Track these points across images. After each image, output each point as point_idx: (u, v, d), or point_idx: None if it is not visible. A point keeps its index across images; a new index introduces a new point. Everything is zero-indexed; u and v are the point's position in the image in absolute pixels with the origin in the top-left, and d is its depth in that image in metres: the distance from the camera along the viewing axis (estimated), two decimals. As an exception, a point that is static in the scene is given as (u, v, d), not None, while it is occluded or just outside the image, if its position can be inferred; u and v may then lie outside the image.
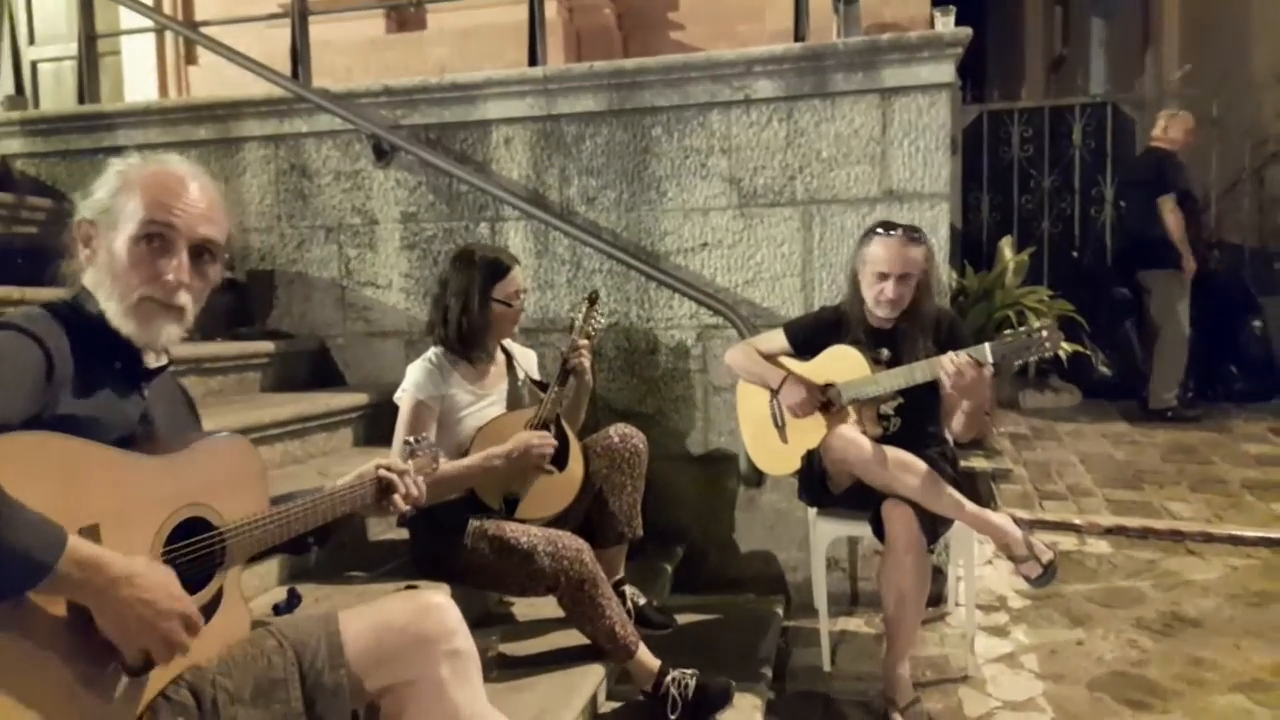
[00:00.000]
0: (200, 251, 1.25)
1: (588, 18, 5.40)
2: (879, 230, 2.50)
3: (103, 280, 1.21)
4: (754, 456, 2.78)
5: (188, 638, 1.10)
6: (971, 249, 5.70)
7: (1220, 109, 6.27)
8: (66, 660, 1.03)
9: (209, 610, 1.22)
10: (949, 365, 2.23)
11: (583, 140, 3.26)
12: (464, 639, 1.34)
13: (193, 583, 1.19)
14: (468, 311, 2.35)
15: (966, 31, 2.96)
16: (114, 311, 1.20)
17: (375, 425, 3.07)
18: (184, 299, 1.23)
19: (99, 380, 1.18)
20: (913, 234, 2.49)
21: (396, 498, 1.46)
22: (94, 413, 1.15)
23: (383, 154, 3.36)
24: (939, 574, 2.97)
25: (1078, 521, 3.66)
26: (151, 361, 1.28)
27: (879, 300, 2.47)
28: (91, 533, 1.05)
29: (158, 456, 1.20)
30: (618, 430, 2.56)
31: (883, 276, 2.45)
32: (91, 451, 1.10)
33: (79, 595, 1.02)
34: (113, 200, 1.22)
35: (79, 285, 1.23)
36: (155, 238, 1.21)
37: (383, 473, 1.45)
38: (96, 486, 1.09)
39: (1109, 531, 3.60)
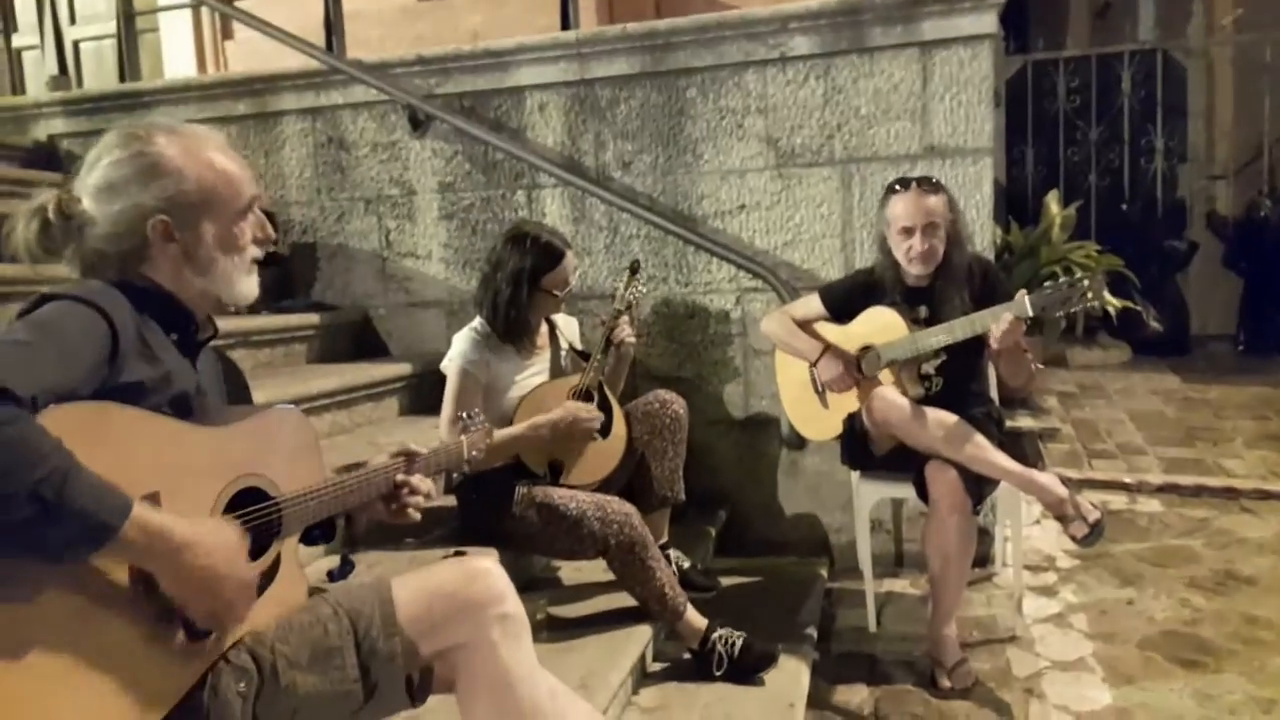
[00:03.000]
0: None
1: (619, -21, 5.33)
2: (895, 187, 2.46)
3: (207, 261, 1.25)
4: (795, 422, 2.77)
5: (245, 610, 1.13)
6: (1017, 204, 5.57)
7: (1274, 54, 6.01)
8: (128, 619, 1.06)
9: (267, 578, 1.24)
10: (995, 324, 2.20)
11: (617, 104, 3.23)
12: (513, 602, 1.36)
13: (251, 551, 1.21)
14: (516, 301, 2.35)
15: (1010, -21, 2.87)
16: (227, 282, 1.27)
17: (419, 394, 3.11)
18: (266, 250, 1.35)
19: (159, 351, 1.20)
20: (929, 184, 2.44)
21: (413, 501, 1.45)
22: (155, 383, 1.17)
23: (418, 124, 3.36)
24: (985, 535, 2.94)
25: (1128, 480, 3.60)
26: (202, 333, 1.31)
27: (910, 257, 2.43)
28: (152, 500, 1.07)
29: (215, 427, 1.22)
30: (658, 396, 2.57)
31: (908, 231, 2.41)
32: (151, 421, 1.12)
33: (143, 560, 1.04)
34: (187, 193, 1.22)
35: (126, 269, 1.22)
36: (250, 207, 1.30)
37: (400, 477, 1.44)
38: (157, 455, 1.11)
39: (1160, 490, 3.55)
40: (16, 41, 5.90)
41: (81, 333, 1.09)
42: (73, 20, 5.84)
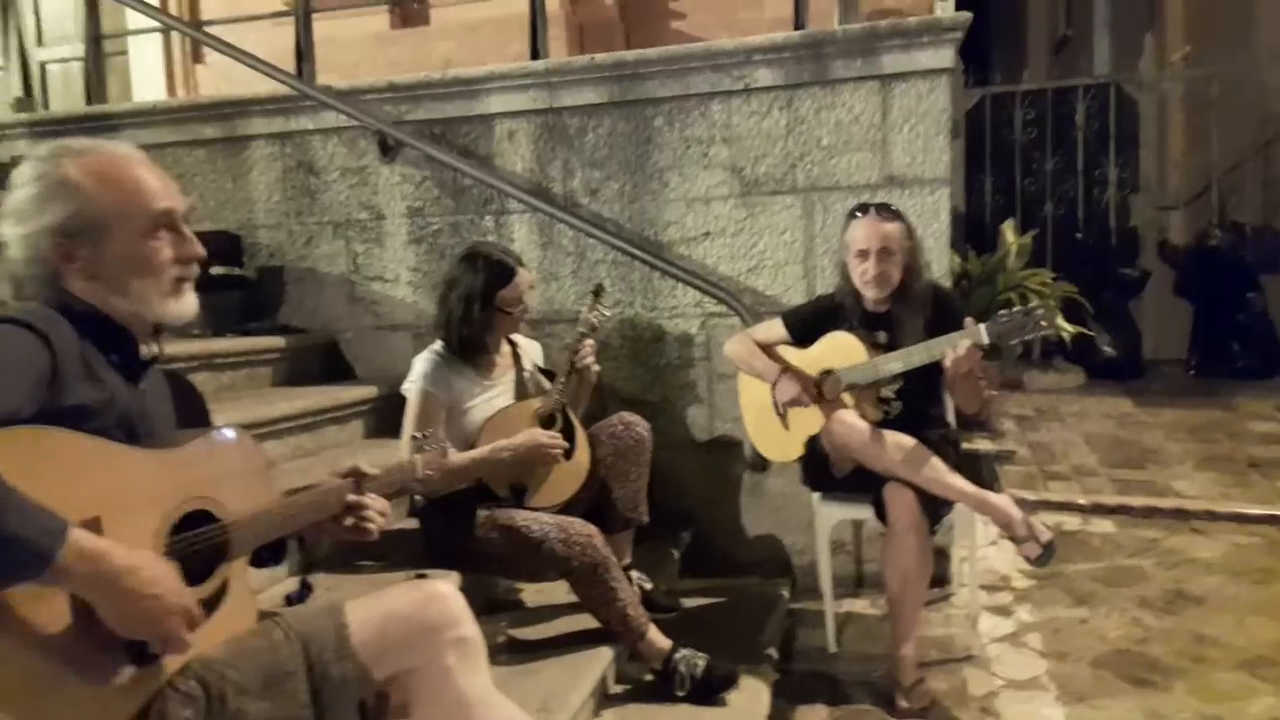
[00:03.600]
0: (187, 220, 1.31)
1: (590, 10, 5.43)
2: (856, 213, 2.55)
3: (115, 282, 1.22)
4: (757, 443, 2.82)
5: (188, 634, 1.11)
6: (975, 232, 5.70)
7: (1222, 89, 6.24)
8: (71, 645, 1.04)
9: (214, 602, 1.23)
10: (951, 351, 2.26)
11: (585, 132, 3.28)
12: (469, 626, 1.36)
13: (197, 575, 1.21)
14: (468, 320, 2.37)
15: (966, 16, 2.97)
16: (145, 305, 1.24)
17: (386, 417, 3.11)
18: (196, 267, 1.30)
19: (101, 373, 1.19)
20: (887, 211, 2.52)
21: (367, 515, 1.42)
22: (99, 405, 1.15)
23: (388, 149, 3.40)
24: (942, 555, 3.00)
25: (1081, 501, 3.68)
26: (145, 353, 1.30)
27: (864, 281, 2.51)
28: (93, 525, 1.06)
29: (160, 450, 1.21)
30: (622, 418, 2.60)
31: (863, 255, 2.49)
32: (93, 445, 1.11)
33: (81, 588, 1.02)
34: (81, 215, 1.20)
35: (58, 292, 1.21)
36: (164, 225, 1.26)
37: (351, 498, 1.42)
38: (98, 479, 1.10)
39: (1113, 511, 3.63)
40: (-19, 62, 5.86)
41: (17, 354, 1.07)
42: (40, 41, 5.81)
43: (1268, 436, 4.46)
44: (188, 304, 1.29)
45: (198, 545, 1.20)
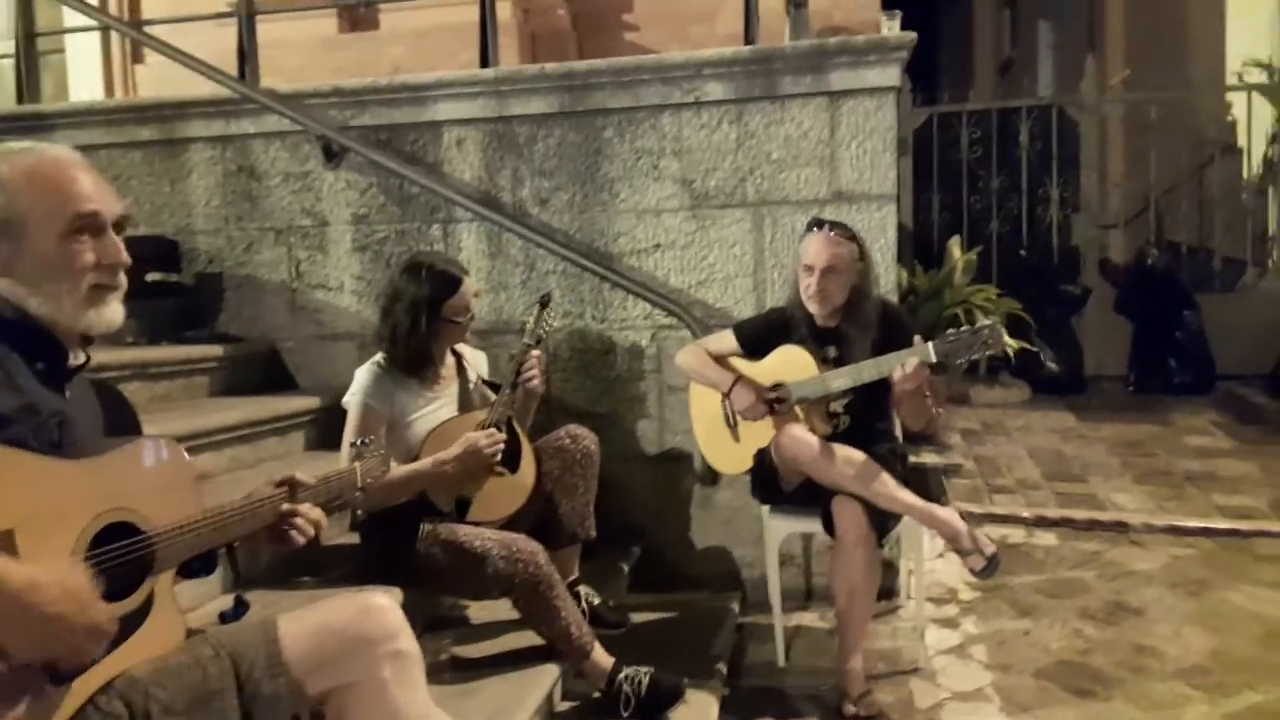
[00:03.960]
0: (119, 227, 1.26)
1: (543, 20, 5.41)
2: (812, 227, 2.56)
3: (32, 283, 1.18)
4: (707, 455, 2.81)
5: (97, 649, 1.06)
6: (923, 248, 5.78)
7: (1159, 112, 6.44)
8: None
9: (139, 616, 1.19)
10: (899, 368, 2.27)
11: (535, 141, 3.26)
12: (407, 640, 1.33)
13: (121, 589, 1.16)
14: (415, 331, 2.33)
15: (911, 36, 3.02)
16: (58, 308, 1.19)
17: (328, 429, 3.02)
18: (123, 277, 1.26)
19: (21, 380, 1.15)
20: (842, 231, 2.53)
21: (298, 524, 1.38)
22: (15, 413, 1.12)
23: (332, 155, 3.32)
24: (890, 568, 3.01)
25: (1025, 514, 3.74)
26: (73, 360, 1.26)
27: (808, 295, 2.52)
28: (7, 538, 1.02)
29: (80, 460, 1.17)
30: (569, 431, 2.57)
31: (809, 269, 2.51)
32: (6, 455, 1.07)
33: None
34: (7, 209, 1.18)
35: None
36: (87, 229, 1.21)
37: (285, 507, 1.38)
38: (11, 491, 1.05)
39: (1056, 524, 3.69)
40: (-93, 58, 5.63)
41: None
42: (-31, 38, 5.61)
43: (1202, 451, 4.58)
44: (110, 313, 1.25)
45: (119, 559, 1.15)
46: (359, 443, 1.66)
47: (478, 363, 2.62)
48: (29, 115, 3.56)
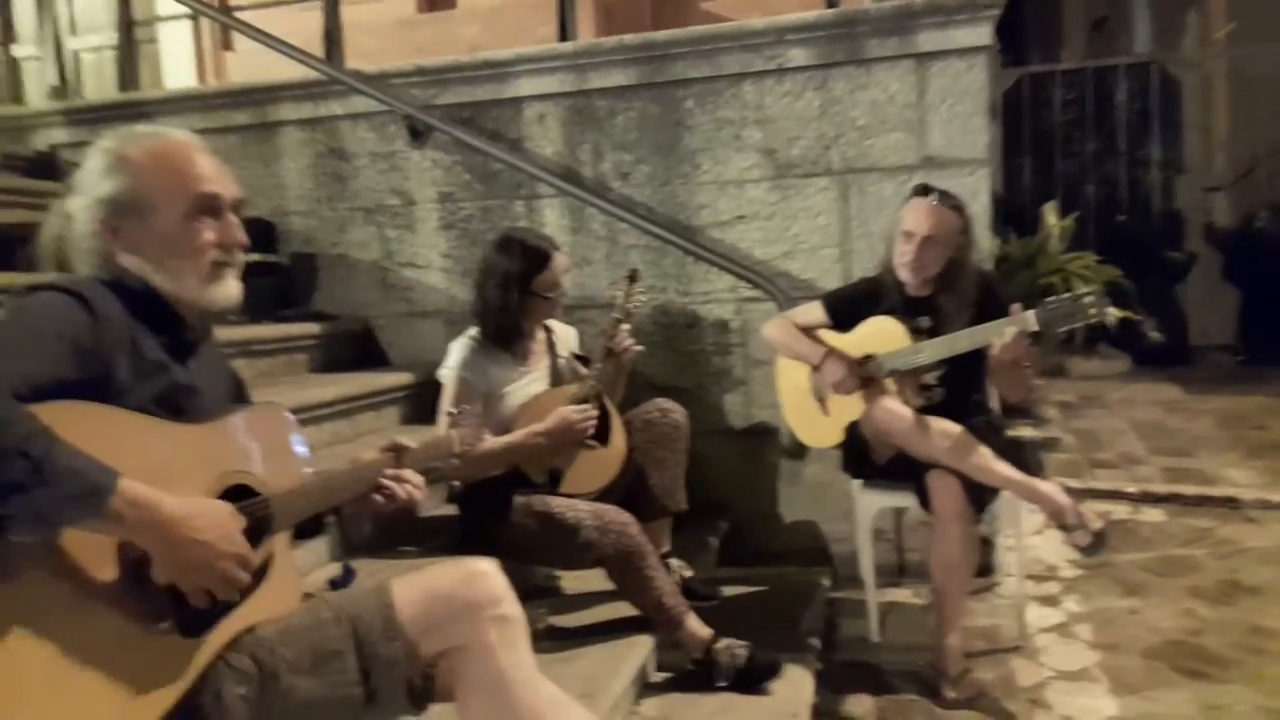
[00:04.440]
0: (236, 209, 1.32)
1: (617, -9, 5.36)
2: (918, 192, 2.46)
3: (158, 260, 1.24)
4: (795, 429, 2.76)
5: (245, 576, 1.12)
6: (1014, 215, 5.58)
7: (1267, 67, 6.06)
8: (120, 616, 1.05)
9: (258, 576, 1.22)
10: (997, 338, 2.19)
11: (615, 115, 3.23)
12: (511, 604, 1.35)
13: None
14: (507, 307, 2.34)
15: (1005, -9, 2.89)
16: (182, 285, 1.25)
17: (420, 404, 3.09)
18: (240, 255, 1.31)
19: (147, 350, 1.20)
20: (949, 200, 2.43)
21: (401, 489, 1.41)
22: (140, 379, 1.16)
23: (417, 134, 3.37)
24: (987, 544, 2.93)
25: (1130, 489, 3.59)
26: (191, 334, 1.31)
27: (901, 263, 2.44)
28: None
29: (200, 424, 1.22)
30: (658, 405, 2.56)
31: (908, 236, 2.42)
32: (131, 419, 1.12)
33: (135, 535, 1.03)
34: (131, 189, 1.23)
35: (112, 267, 1.24)
36: (208, 210, 1.27)
37: (390, 471, 1.42)
38: (139, 453, 1.10)
39: (1163, 499, 3.53)
40: (17, 52, 5.91)
41: (60, 321, 1.09)
42: (73, 31, 5.85)
43: (1321, 423, 4.33)
44: (228, 289, 1.30)
45: (242, 518, 1.19)
46: (454, 410, 1.68)
47: (567, 337, 2.63)
48: (131, 103, 3.70)
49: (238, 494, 1.22)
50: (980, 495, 2.33)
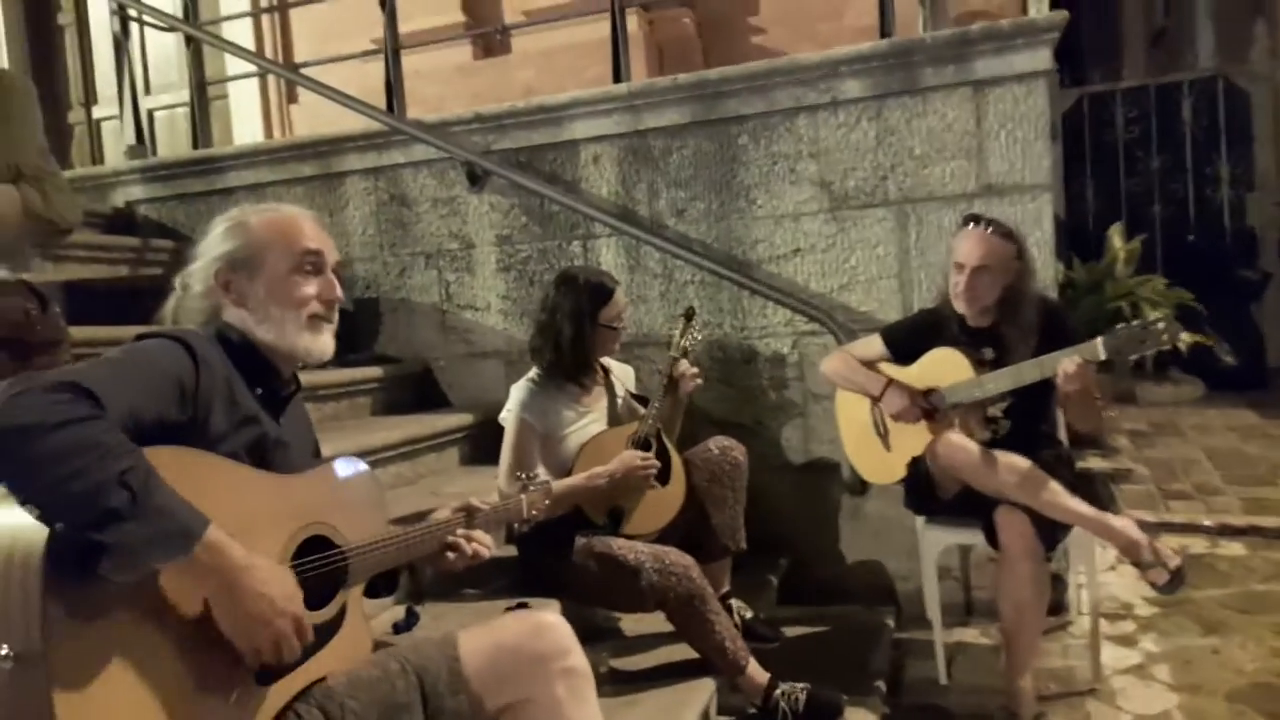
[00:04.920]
0: (337, 270, 1.44)
1: (668, 28, 5.42)
2: (968, 223, 2.44)
3: (262, 311, 1.34)
4: (856, 465, 2.73)
5: (297, 643, 1.14)
6: (1078, 239, 5.45)
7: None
8: (193, 659, 1.08)
9: (332, 628, 1.26)
10: (1064, 367, 2.14)
11: (669, 153, 3.27)
12: (578, 657, 1.36)
13: (317, 600, 1.24)
14: (580, 338, 2.38)
15: (1063, 15, 2.85)
16: (282, 334, 1.34)
17: (480, 445, 3.14)
18: (336, 313, 1.42)
19: (243, 400, 1.27)
20: (998, 229, 2.39)
21: (451, 556, 1.46)
22: (235, 427, 1.23)
23: (476, 179, 3.45)
24: (1059, 581, 2.85)
25: (1208, 522, 3.45)
26: (285, 389, 1.39)
27: (955, 294, 2.40)
28: None
29: (285, 475, 1.27)
30: (717, 443, 2.56)
31: (959, 268, 2.39)
32: (225, 466, 1.17)
33: (205, 580, 1.06)
34: (245, 246, 1.36)
35: (217, 322, 1.35)
36: (310, 266, 1.38)
37: (461, 531, 1.47)
38: (228, 499, 1.15)
39: (1242, 532, 3.39)
40: (97, 112, 6.22)
41: (166, 363, 1.16)
42: (148, 90, 6.13)
43: None
44: (324, 342, 1.40)
45: (318, 569, 1.24)
46: (523, 475, 1.71)
47: (625, 376, 2.65)
48: (204, 159, 3.87)
49: (317, 545, 1.26)
50: (1050, 531, 2.27)
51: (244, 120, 6.02)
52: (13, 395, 0.97)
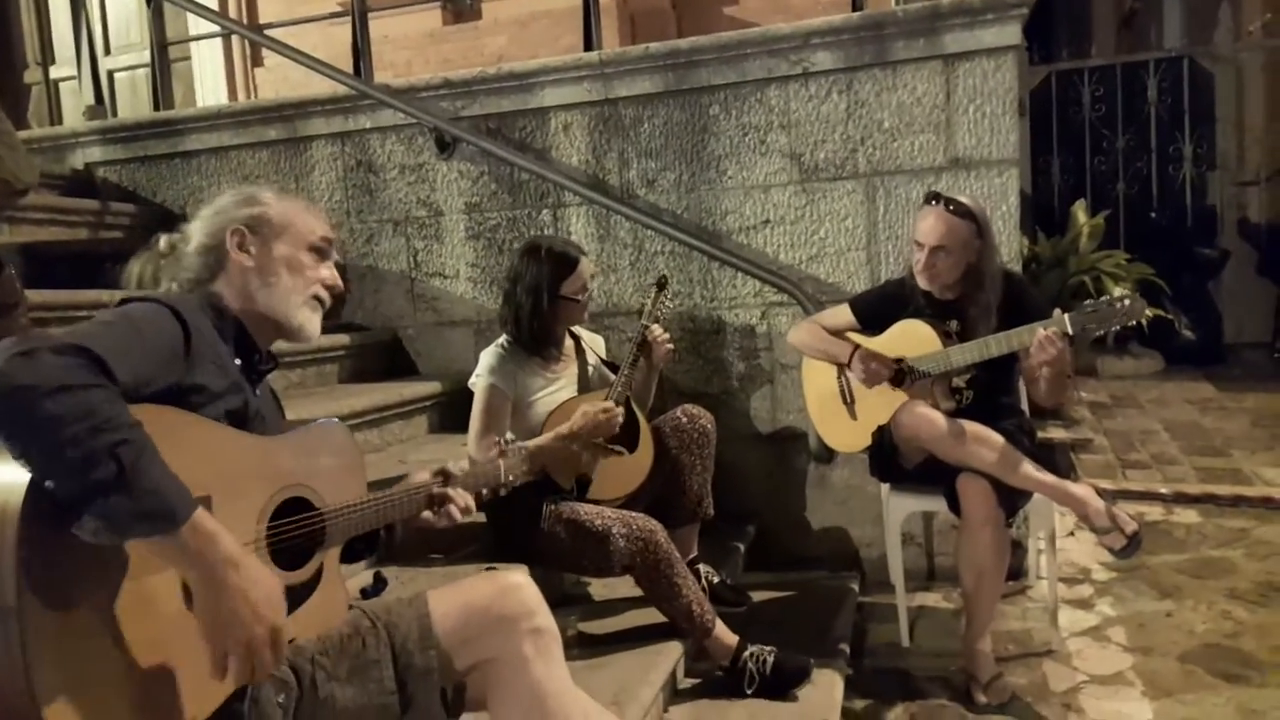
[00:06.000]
0: (337, 264, 1.48)
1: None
2: (929, 200, 2.45)
3: (269, 276, 1.35)
4: (823, 434, 2.76)
5: (270, 657, 1.06)
6: (1043, 214, 5.53)
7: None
8: (172, 619, 1.07)
9: (308, 588, 1.26)
10: (1038, 340, 2.17)
11: (640, 122, 3.25)
12: (545, 617, 1.37)
13: (293, 561, 1.25)
14: (538, 311, 2.37)
15: (1033, -9, 2.87)
16: (284, 302, 1.36)
17: (449, 412, 3.14)
18: (330, 301, 1.45)
19: (230, 369, 1.27)
20: (958, 207, 2.38)
21: (452, 508, 1.48)
22: (219, 391, 1.22)
23: (445, 146, 3.41)
24: (1019, 547, 2.91)
25: (1164, 490, 3.55)
26: (263, 363, 1.40)
27: (917, 270, 2.43)
28: (205, 503, 1.08)
29: (265, 438, 1.27)
30: (685, 411, 2.57)
31: (919, 246, 2.42)
32: (208, 427, 1.17)
33: (188, 565, 1.02)
34: (266, 215, 1.39)
35: (204, 289, 1.35)
36: (322, 250, 1.43)
37: (437, 491, 1.48)
38: (211, 460, 1.15)
39: (1197, 500, 3.49)
40: (54, 73, 6.06)
41: (157, 327, 1.16)
42: (107, 51, 5.98)
43: (1361, 421, 4.25)
44: (316, 324, 1.42)
45: (297, 531, 1.25)
46: (500, 440, 1.69)
47: (595, 344, 2.65)
48: (165, 121, 3.78)
49: (295, 507, 1.26)
50: (1011, 498, 2.32)
51: (208, 83, 5.89)
52: (17, 354, 0.95)
